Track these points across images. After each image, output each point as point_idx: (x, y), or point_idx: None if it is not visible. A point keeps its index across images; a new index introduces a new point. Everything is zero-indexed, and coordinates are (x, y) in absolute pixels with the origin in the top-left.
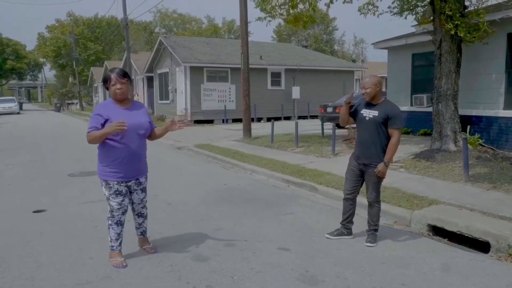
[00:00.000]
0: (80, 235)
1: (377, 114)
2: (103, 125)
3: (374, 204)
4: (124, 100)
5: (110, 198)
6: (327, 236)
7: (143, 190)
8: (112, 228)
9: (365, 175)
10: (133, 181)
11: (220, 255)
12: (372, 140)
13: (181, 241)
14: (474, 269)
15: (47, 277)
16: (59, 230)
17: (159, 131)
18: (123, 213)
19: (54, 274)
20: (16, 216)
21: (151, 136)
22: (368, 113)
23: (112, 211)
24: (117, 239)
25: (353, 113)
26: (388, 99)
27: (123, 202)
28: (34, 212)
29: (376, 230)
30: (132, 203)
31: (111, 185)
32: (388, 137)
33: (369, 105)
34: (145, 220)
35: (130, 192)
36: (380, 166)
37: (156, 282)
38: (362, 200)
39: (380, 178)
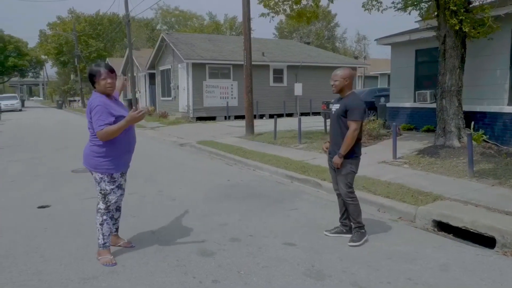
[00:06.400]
0: (85, 230)
1: (338, 107)
2: (114, 122)
3: (346, 199)
4: (111, 94)
5: (111, 193)
6: (325, 233)
7: (125, 180)
8: (107, 223)
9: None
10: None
11: (226, 250)
12: (335, 133)
13: (186, 236)
14: (481, 264)
15: (53, 271)
16: (64, 226)
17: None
18: (115, 207)
19: (60, 269)
20: (20, 212)
21: None
22: (335, 107)
23: (109, 206)
24: (109, 235)
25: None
26: (355, 93)
27: (120, 196)
28: (39, 207)
29: (360, 227)
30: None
31: (115, 179)
32: None
33: (340, 99)
34: (120, 214)
35: None
36: (335, 158)
37: (162, 277)
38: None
39: (347, 172)
